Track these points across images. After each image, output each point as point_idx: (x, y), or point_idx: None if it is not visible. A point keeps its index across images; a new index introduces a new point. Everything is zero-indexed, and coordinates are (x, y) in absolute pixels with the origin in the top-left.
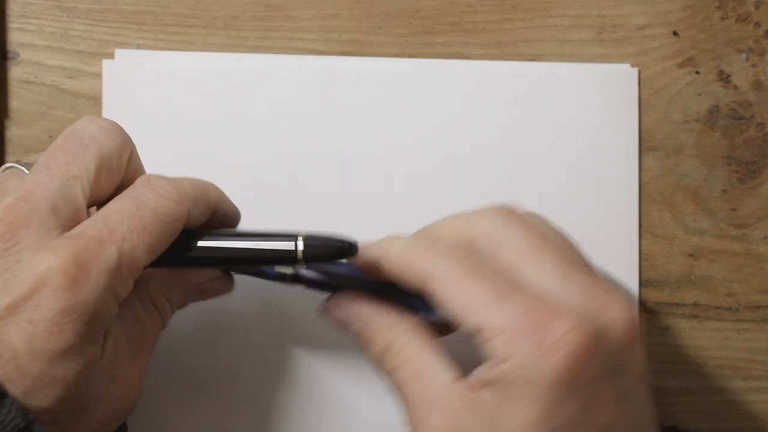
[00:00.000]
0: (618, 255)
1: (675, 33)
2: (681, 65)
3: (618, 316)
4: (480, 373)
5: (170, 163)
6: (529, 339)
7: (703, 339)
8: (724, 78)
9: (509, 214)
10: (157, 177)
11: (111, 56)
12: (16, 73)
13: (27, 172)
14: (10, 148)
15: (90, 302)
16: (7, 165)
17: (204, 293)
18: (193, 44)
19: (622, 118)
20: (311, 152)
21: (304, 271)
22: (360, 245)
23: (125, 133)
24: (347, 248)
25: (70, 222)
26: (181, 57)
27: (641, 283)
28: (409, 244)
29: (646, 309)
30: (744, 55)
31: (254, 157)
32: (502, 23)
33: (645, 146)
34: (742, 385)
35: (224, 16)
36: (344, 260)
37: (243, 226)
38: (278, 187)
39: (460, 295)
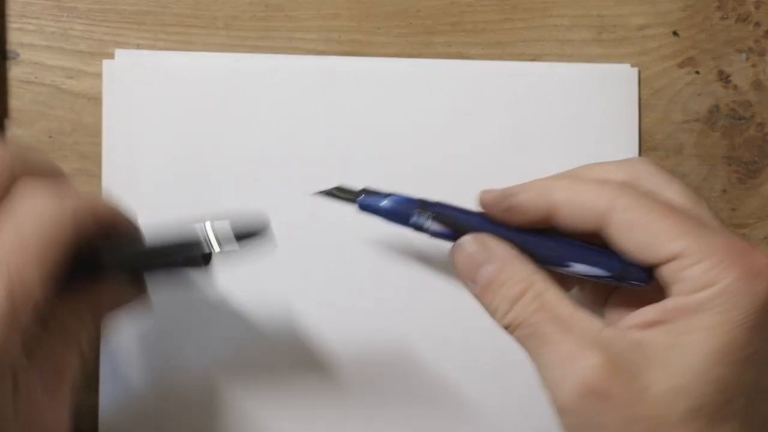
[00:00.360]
0: None
1: (675, 33)
2: (681, 65)
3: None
4: (649, 312)
5: (170, 163)
6: (736, 266)
7: None
8: (724, 78)
9: (658, 166)
10: (39, 187)
11: (111, 56)
12: (16, 73)
13: None
14: None
15: None
16: None
17: (120, 312)
18: (193, 44)
19: (622, 118)
20: (311, 152)
21: (430, 223)
22: (493, 190)
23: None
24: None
25: None
26: (181, 57)
27: None
28: (576, 183)
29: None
30: (744, 55)
31: (254, 157)
32: (502, 23)
33: (645, 146)
34: None
35: (224, 16)
36: (475, 210)
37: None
38: (278, 187)
39: (653, 224)
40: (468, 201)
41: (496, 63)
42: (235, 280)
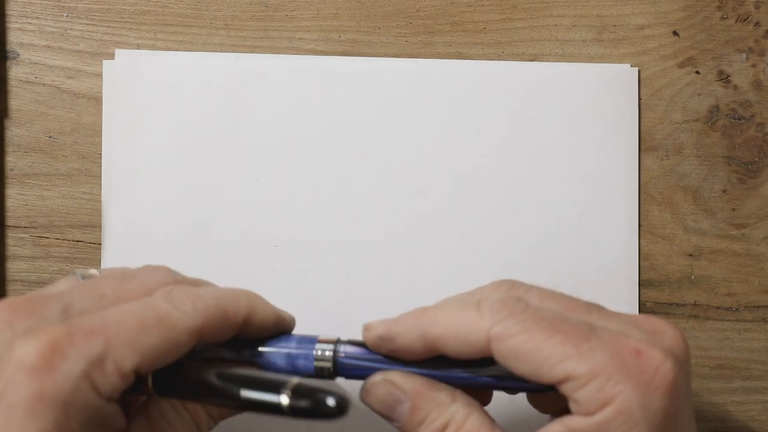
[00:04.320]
0: (618, 255)
1: (675, 33)
2: (681, 65)
3: (675, 335)
4: (568, 426)
5: (170, 163)
6: (629, 378)
7: (703, 339)
8: (724, 78)
9: (515, 282)
10: (180, 290)
11: (111, 56)
12: (16, 73)
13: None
14: (10, 148)
15: (64, 388)
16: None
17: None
18: (193, 44)
19: (622, 118)
20: (311, 152)
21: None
22: (374, 329)
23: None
24: (335, 410)
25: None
26: (181, 57)
27: (641, 283)
28: (452, 309)
29: (646, 309)
30: (744, 55)
31: (254, 157)
32: (502, 23)
33: (645, 146)
34: (742, 385)
35: (224, 16)
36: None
37: (244, 224)
38: (278, 187)
39: (535, 351)
40: (468, 200)
41: (496, 63)
42: (236, 280)
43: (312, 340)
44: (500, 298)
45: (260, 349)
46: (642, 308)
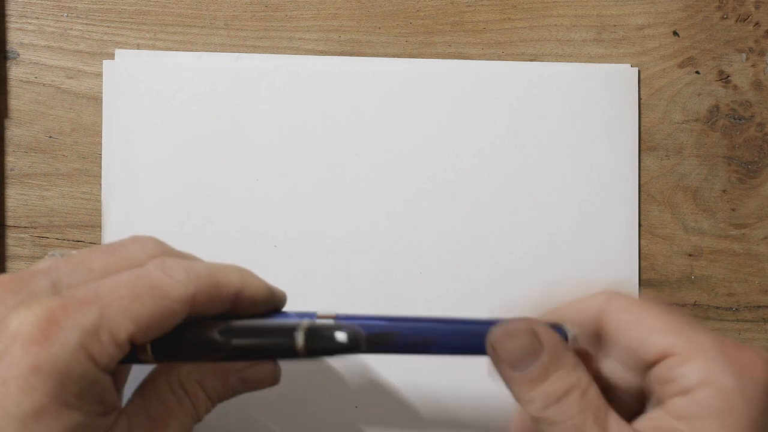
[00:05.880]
0: (618, 255)
1: (675, 33)
2: (681, 65)
3: (756, 353)
4: (659, 419)
5: (170, 163)
6: (731, 365)
7: None
8: (724, 78)
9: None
10: (172, 260)
11: (111, 56)
12: (16, 73)
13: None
14: (10, 148)
15: (60, 359)
16: (50, 252)
17: (247, 383)
18: (193, 44)
19: (622, 118)
20: (311, 152)
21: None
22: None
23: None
24: (351, 344)
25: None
26: (181, 57)
27: (641, 283)
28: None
29: None
30: (744, 55)
31: (254, 157)
32: (502, 23)
33: (645, 146)
34: None
35: (224, 16)
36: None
37: (244, 224)
38: (278, 187)
39: (645, 323)
40: (467, 200)
41: (496, 63)
42: None
43: (311, 316)
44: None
45: None
46: None
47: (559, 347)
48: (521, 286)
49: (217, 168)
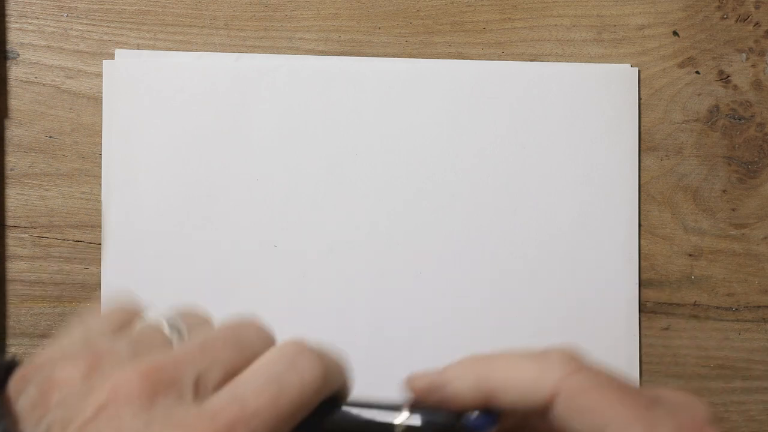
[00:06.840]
0: (618, 255)
1: (675, 33)
2: (681, 65)
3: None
4: None
5: (170, 163)
6: None
7: (703, 339)
8: (724, 78)
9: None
10: (303, 354)
11: (111, 56)
12: (16, 73)
13: (167, 331)
14: (10, 148)
15: None
16: (150, 316)
17: None
18: (193, 44)
19: (622, 118)
20: (311, 152)
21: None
22: (422, 378)
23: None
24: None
25: (206, 395)
26: (181, 57)
27: (641, 283)
28: (514, 358)
29: (646, 309)
30: (744, 55)
31: (254, 157)
32: (502, 23)
33: (645, 146)
34: (742, 385)
35: (224, 16)
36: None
37: (244, 224)
38: (278, 187)
39: (607, 408)
40: (467, 200)
41: (496, 63)
42: (236, 279)
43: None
44: (567, 351)
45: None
46: (642, 308)
47: None
48: (521, 286)
49: (217, 168)
